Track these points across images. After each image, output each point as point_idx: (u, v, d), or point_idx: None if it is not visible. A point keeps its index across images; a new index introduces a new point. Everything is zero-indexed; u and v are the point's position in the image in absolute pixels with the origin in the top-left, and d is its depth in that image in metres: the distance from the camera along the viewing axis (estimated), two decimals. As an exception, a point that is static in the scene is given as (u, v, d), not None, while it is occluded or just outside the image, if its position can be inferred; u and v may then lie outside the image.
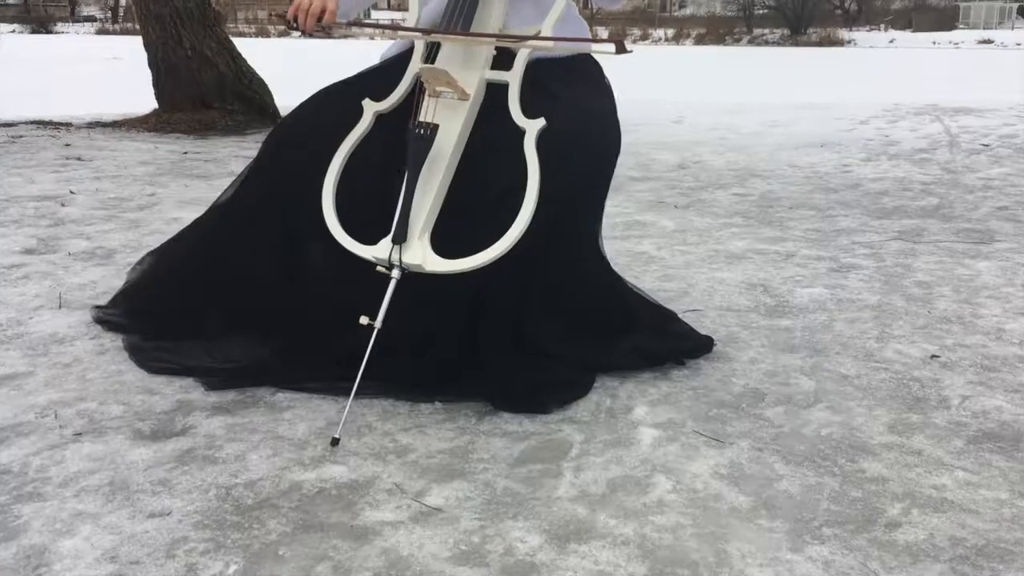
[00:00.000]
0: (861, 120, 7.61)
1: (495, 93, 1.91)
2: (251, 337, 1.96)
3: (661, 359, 2.06)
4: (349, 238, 1.82)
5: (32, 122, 7.56)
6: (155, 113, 8.02)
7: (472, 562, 1.31)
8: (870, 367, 2.10)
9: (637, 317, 2.18)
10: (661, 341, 2.12)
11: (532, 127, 1.84)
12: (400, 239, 1.75)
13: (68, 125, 7.54)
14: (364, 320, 1.71)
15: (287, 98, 7.91)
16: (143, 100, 8.08)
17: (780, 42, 51.79)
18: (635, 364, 2.03)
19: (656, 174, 5.02)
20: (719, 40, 52.78)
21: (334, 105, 2.01)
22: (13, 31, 61.69)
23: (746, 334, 2.31)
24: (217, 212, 2.11)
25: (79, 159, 5.34)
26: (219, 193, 2.13)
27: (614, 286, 2.20)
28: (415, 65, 1.96)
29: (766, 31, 56.58)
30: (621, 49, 1.76)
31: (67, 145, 6.04)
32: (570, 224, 1.91)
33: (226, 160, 5.48)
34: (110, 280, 2.69)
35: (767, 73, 19.21)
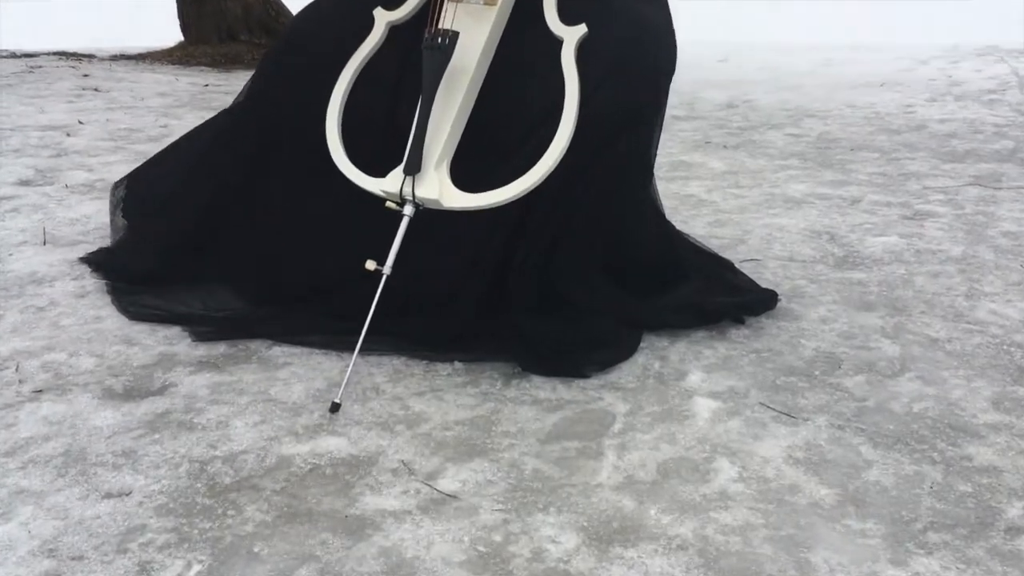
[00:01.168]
0: (921, 60, 7.14)
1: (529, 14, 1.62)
2: (247, 282, 1.70)
3: (717, 316, 1.78)
4: (355, 168, 1.55)
5: (54, 53, 7.33)
6: (180, 46, 7.75)
7: (491, 570, 1.06)
8: (962, 329, 1.80)
9: (689, 267, 1.90)
10: (717, 295, 1.83)
11: (571, 35, 1.54)
12: (413, 169, 1.48)
13: (91, 57, 7.29)
14: (371, 265, 1.44)
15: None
16: (172, 31, 7.80)
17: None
18: (687, 321, 1.75)
19: (702, 113, 4.67)
20: (763, -18, 51.41)
21: (340, 14, 1.72)
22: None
23: (814, 288, 2.02)
24: (210, 133, 1.85)
25: (96, 90, 5.09)
26: None
27: (663, 230, 1.92)
28: None
29: (812, -27, 55.00)
30: None
31: (85, 76, 5.79)
32: (614, 154, 1.61)
33: (248, 93, 5.20)
34: (103, 215, 2.44)
35: (819, 11, 18.50)
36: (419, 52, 1.55)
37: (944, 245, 2.36)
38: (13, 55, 7.09)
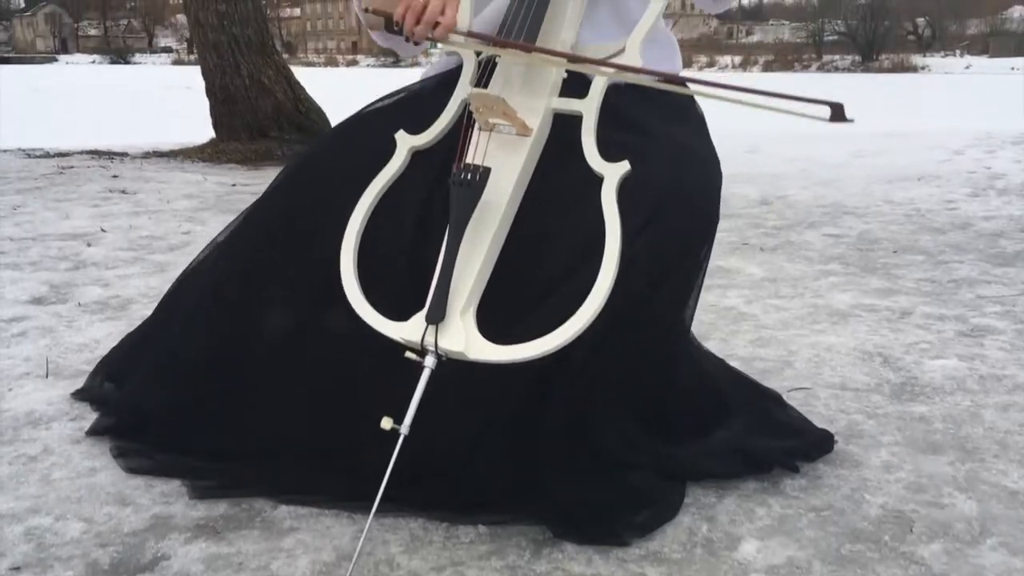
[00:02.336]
0: (955, 150, 7.03)
1: (564, 126, 1.50)
2: (249, 434, 1.56)
3: (768, 463, 1.61)
4: (373, 311, 1.41)
5: (87, 152, 7.41)
6: (212, 142, 7.82)
7: None
8: (1043, 478, 1.62)
9: (734, 403, 1.73)
10: (767, 437, 1.67)
11: (613, 172, 1.41)
12: (436, 317, 1.34)
13: (123, 155, 7.36)
14: (387, 424, 1.30)
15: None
16: (205, 127, 7.88)
17: (851, 68, 50.73)
18: (735, 470, 1.58)
19: (736, 210, 4.54)
20: (788, 67, 51.94)
21: (359, 138, 1.62)
22: (93, 61, 63.78)
23: (872, 425, 1.85)
24: (215, 256, 1.73)
25: (123, 192, 5.08)
26: None
27: (704, 366, 1.77)
28: (463, 89, 1.56)
29: (836, 57, 55.54)
30: (839, 116, 1.33)
31: (114, 177, 5.80)
32: (658, 299, 1.47)
33: (274, 193, 5.16)
34: (114, 340, 2.32)
35: (842, 100, 18.55)
36: (446, 183, 1.43)
37: (1009, 369, 2.18)
38: (47, 154, 7.18)
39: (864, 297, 2.88)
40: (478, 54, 1.57)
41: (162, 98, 17.91)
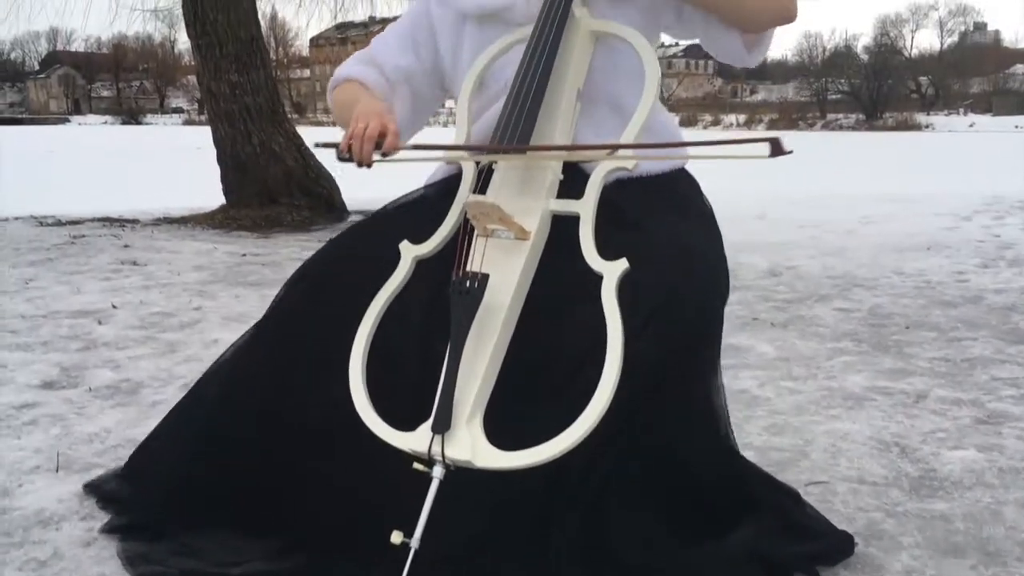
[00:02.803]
0: (963, 216, 7.05)
1: (562, 227, 1.51)
2: (253, 538, 1.55)
3: (788, 570, 1.58)
4: (381, 422, 1.41)
5: (98, 219, 7.47)
6: (222, 209, 7.89)
7: None
8: (1069, 585, 1.59)
9: (752, 501, 1.71)
10: (785, 540, 1.64)
11: (612, 271, 1.41)
12: (442, 427, 1.33)
13: (134, 222, 7.42)
14: (397, 538, 1.28)
15: (355, 191, 7.72)
16: (216, 191, 7.94)
17: (855, 127, 51.17)
18: (754, 576, 1.55)
19: (745, 282, 4.54)
20: (792, 125, 52.42)
21: (364, 249, 1.63)
22: (105, 122, 64.74)
23: (891, 524, 1.82)
24: (220, 375, 1.72)
25: (134, 263, 5.11)
26: (266, 306, 1.73)
27: (727, 464, 1.74)
28: (463, 194, 1.57)
29: (840, 116, 56.05)
30: (778, 150, 1.34)
31: (125, 246, 5.84)
32: (664, 397, 1.46)
33: (284, 264, 5.19)
34: (125, 429, 2.33)
35: (847, 159, 18.67)
36: (447, 291, 1.43)
37: (1028, 460, 2.15)
38: (59, 222, 7.24)
39: (878, 378, 2.86)
40: (477, 161, 1.59)
41: (173, 160, 18.11)
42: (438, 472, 1.33)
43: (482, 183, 1.57)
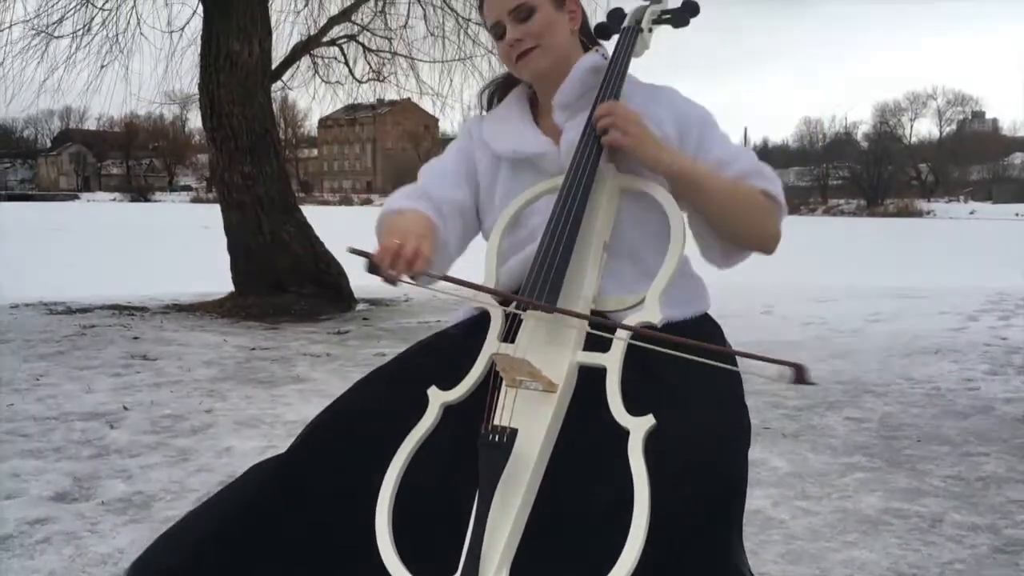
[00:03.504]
0: (969, 315, 7.08)
1: (589, 379, 1.52)
2: None
3: None
4: (406, 572, 1.40)
5: (108, 307, 7.52)
6: (231, 296, 7.95)
7: None
8: None
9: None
10: None
11: (638, 427, 1.42)
12: (471, 580, 1.33)
13: (143, 310, 7.47)
14: None
15: (363, 279, 7.80)
16: (224, 275, 7.99)
17: (857, 212, 51.65)
18: None
19: (756, 387, 4.51)
20: (794, 210, 53.00)
21: (390, 394, 1.64)
22: (114, 199, 65.52)
23: (915, 670, 1.80)
24: (234, 515, 1.70)
25: (144, 357, 5.14)
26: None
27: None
28: (491, 344, 1.59)
29: (842, 201, 56.63)
30: (801, 378, 1.39)
31: (135, 339, 5.87)
32: (690, 557, 1.46)
33: (293, 359, 5.21)
34: (137, 550, 2.30)
35: (851, 247, 18.83)
36: (475, 438, 1.44)
37: (1049, 597, 2.14)
38: (69, 310, 7.29)
39: (893, 499, 2.85)
40: (506, 312, 1.62)
41: (181, 240, 18.27)
42: (464, 626, 1.33)
43: (510, 329, 1.59)
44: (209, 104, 7.65)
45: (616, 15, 1.88)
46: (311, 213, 8.50)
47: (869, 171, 56.25)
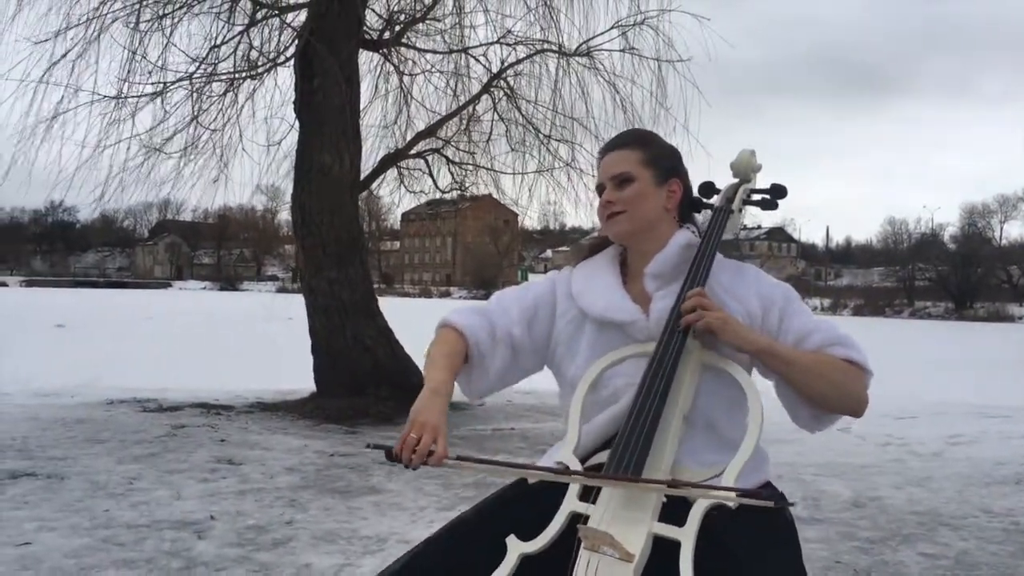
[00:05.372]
0: (1056, 439, 6.88)
1: (661, 547, 1.62)
2: None
3: None
4: None
5: (196, 405, 7.83)
6: (312, 397, 8.19)
7: None
8: None
9: None
10: None
11: None
12: None
13: (230, 409, 7.76)
14: None
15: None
16: (307, 371, 8.24)
17: (944, 315, 50.19)
18: None
19: (827, 514, 4.53)
20: (878, 311, 51.69)
21: (472, 536, 1.76)
22: (204, 287, 67.82)
23: None
24: None
25: (230, 462, 5.35)
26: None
27: None
28: (570, 502, 1.70)
29: (928, 303, 55.13)
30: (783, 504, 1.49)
31: (222, 441, 6.11)
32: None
33: (369, 468, 5.36)
34: (222, 672, 2.45)
35: (934, 358, 18.29)
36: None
37: None
38: (160, 408, 7.62)
39: (963, 650, 2.82)
40: (584, 465, 1.73)
41: (267, 331, 18.77)
42: None
43: (591, 489, 1.70)
44: (300, 213, 8.03)
45: (707, 189, 2.02)
46: (391, 305, 8.75)
47: (957, 273, 54.83)
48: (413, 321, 8.41)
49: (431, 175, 9.31)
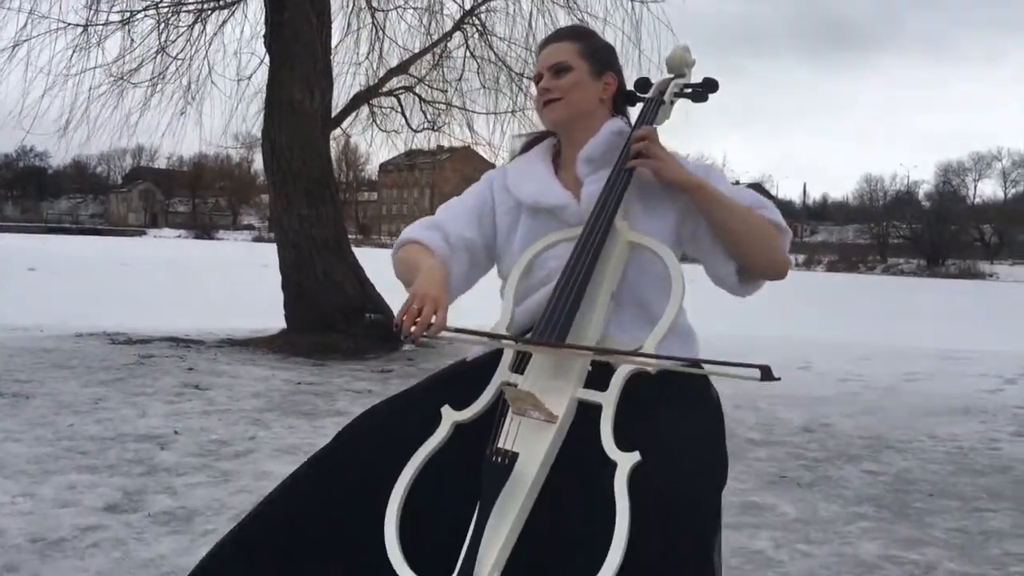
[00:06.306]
0: (1008, 378, 7.07)
1: (586, 413, 1.72)
2: None
3: None
4: (411, 572, 1.60)
5: (166, 339, 7.87)
6: (282, 333, 8.25)
7: None
8: None
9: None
10: None
11: (624, 461, 1.60)
12: (465, 584, 1.52)
13: (200, 343, 7.80)
14: None
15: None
16: (279, 312, 8.29)
17: (917, 272, 50.83)
18: None
19: (779, 437, 4.67)
20: (852, 268, 52.28)
21: (409, 408, 1.85)
22: (179, 236, 67.38)
23: None
24: (263, 516, 1.91)
25: (196, 387, 5.42)
26: (316, 439, 1.92)
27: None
28: (501, 374, 1.80)
29: (901, 260, 55.80)
30: (768, 376, 1.56)
31: (190, 369, 6.17)
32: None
33: (335, 395, 5.45)
34: (177, 557, 2.54)
35: (901, 308, 18.65)
36: (479, 457, 1.64)
37: (1022, 642, 2.24)
38: (129, 340, 7.65)
39: (891, 547, 2.96)
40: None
41: (240, 277, 18.79)
42: (457, 630, 1.51)
43: (520, 362, 1.79)
44: (270, 148, 8.02)
45: (642, 84, 2.09)
46: (368, 255, 8.78)
47: (930, 230, 55.35)
48: (388, 269, 8.47)
49: (403, 114, 9.30)
